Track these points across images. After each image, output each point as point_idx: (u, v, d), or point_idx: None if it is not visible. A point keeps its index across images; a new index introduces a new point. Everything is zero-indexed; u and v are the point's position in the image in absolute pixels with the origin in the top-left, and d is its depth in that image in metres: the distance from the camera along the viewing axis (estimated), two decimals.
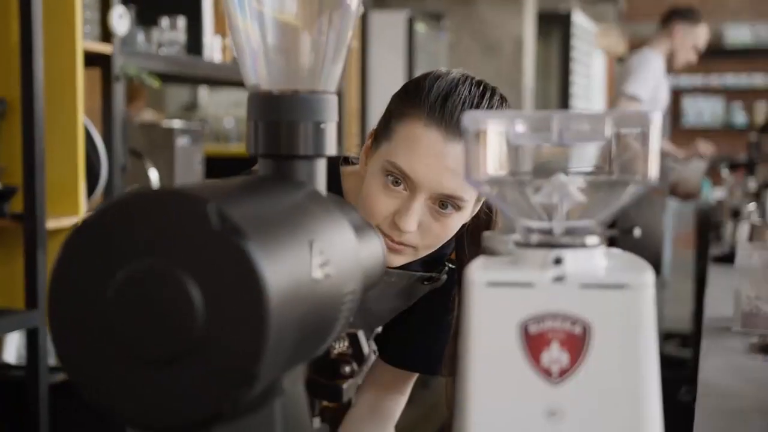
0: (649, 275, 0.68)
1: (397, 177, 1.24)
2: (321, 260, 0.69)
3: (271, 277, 0.60)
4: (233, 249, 0.60)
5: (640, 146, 0.69)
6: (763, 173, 4.04)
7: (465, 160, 0.71)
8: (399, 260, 1.29)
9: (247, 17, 0.81)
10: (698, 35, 4.51)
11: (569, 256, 0.69)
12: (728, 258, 2.65)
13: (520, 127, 0.70)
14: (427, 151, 1.22)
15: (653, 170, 0.69)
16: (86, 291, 0.62)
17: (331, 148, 0.82)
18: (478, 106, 1.25)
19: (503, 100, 1.30)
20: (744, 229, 2.94)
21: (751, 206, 3.06)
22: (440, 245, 1.30)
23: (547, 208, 0.71)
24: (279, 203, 0.70)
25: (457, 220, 1.27)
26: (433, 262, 1.41)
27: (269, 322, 0.59)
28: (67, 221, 2.40)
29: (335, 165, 1.39)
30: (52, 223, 2.34)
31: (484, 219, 1.38)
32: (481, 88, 1.28)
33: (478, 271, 0.69)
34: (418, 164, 1.22)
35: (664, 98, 4.57)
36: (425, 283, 1.42)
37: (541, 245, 0.70)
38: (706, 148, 4.85)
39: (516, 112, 0.71)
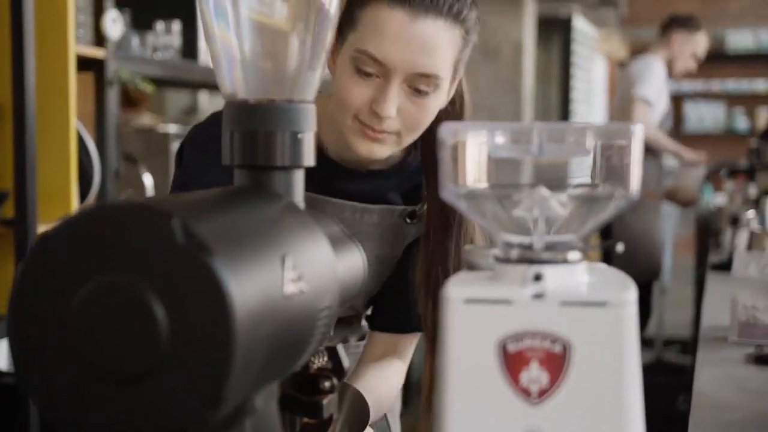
0: (631, 292, 0.66)
1: (368, 64, 1.21)
2: (294, 275, 0.67)
3: (238, 293, 0.58)
4: (198, 265, 0.58)
5: (623, 159, 0.67)
6: (763, 180, 4.02)
7: (441, 172, 0.69)
8: (384, 150, 1.27)
9: (223, 24, 0.79)
10: (697, 43, 4.50)
11: (550, 272, 0.67)
12: (727, 265, 2.63)
13: (500, 139, 0.68)
14: (395, 33, 1.19)
15: (635, 184, 0.67)
16: (48, 306, 0.60)
17: (309, 159, 0.80)
18: None
19: None
20: (743, 237, 2.92)
21: (751, 213, 3.04)
22: (422, 130, 1.27)
23: (527, 222, 0.69)
24: (251, 216, 0.68)
25: (434, 101, 1.25)
26: (411, 192, 1.39)
27: (235, 340, 0.57)
28: None
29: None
30: (43, 229, 2.32)
31: (455, 109, 1.35)
32: None
33: (456, 288, 0.67)
34: (387, 47, 1.20)
35: (665, 103, 4.57)
36: (408, 221, 1.38)
37: (521, 261, 0.68)
38: (706, 157, 4.86)
39: (496, 123, 0.69)
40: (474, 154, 0.69)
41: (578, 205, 0.68)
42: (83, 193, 2.50)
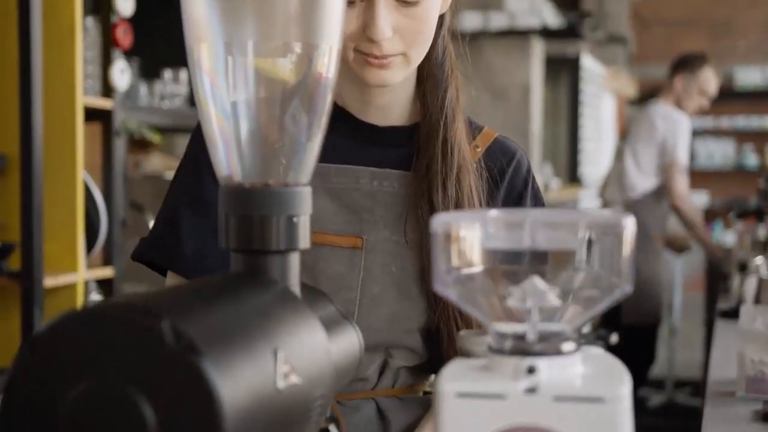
0: (626, 386, 0.66)
1: None
2: (287, 369, 0.66)
3: (228, 395, 0.58)
4: (188, 367, 0.58)
5: (615, 251, 0.67)
6: None
7: (433, 262, 0.69)
8: (395, 74, 1.18)
9: (219, 107, 0.79)
10: (702, 81, 4.49)
11: (543, 364, 0.66)
12: (735, 313, 2.61)
13: (492, 229, 0.68)
14: None
15: (627, 277, 0.66)
16: (38, 409, 0.60)
17: (304, 242, 0.80)
18: None
19: None
20: (751, 284, 2.90)
21: (759, 260, 3.02)
22: (427, 43, 1.18)
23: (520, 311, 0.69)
24: (243, 309, 0.68)
25: (431, 7, 1.16)
26: None
27: None
28: (66, 278, 2.38)
29: None
30: (50, 281, 2.33)
31: (444, 73, 1.25)
32: None
33: (449, 382, 0.66)
34: None
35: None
36: None
37: (514, 352, 0.68)
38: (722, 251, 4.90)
39: (486, 215, 0.69)
40: (466, 245, 0.69)
41: (572, 296, 0.68)
42: (90, 244, 2.50)
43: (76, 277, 2.42)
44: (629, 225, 0.67)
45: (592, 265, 0.69)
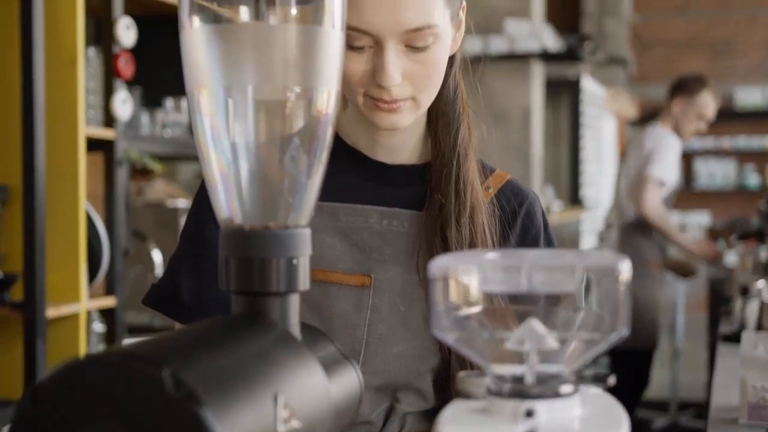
0: (624, 429, 0.66)
1: (356, 38, 1.12)
2: (286, 414, 0.67)
3: None
4: (189, 416, 0.58)
5: (610, 295, 0.67)
6: None
7: (431, 306, 0.70)
8: (404, 118, 1.17)
9: (219, 150, 0.80)
10: (700, 105, 4.49)
11: (542, 407, 0.67)
12: (738, 337, 2.61)
13: (490, 273, 0.69)
14: None
15: (623, 320, 0.67)
16: None
17: (304, 283, 0.80)
18: None
19: None
20: (753, 308, 2.90)
21: (761, 284, 3.02)
22: (437, 86, 1.17)
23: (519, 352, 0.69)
24: (243, 354, 0.69)
25: (440, 52, 1.15)
26: None
27: None
28: (68, 309, 2.39)
29: None
30: (52, 312, 2.33)
31: (456, 110, 1.25)
32: None
33: (448, 425, 0.67)
34: (366, 15, 1.11)
35: (676, 176, 4.58)
36: None
37: (512, 395, 0.68)
38: (716, 252, 4.85)
39: (483, 258, 0.70)
40: (463, 288, 0.69)
41: (570, 338, 0.69)
42: (92, 274, 2.51)
43: (79, 307, 2.43)
44: (625, 268, 0.67)
45: (590, 308, 0.69)
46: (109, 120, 2.60)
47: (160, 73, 2.98)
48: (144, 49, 2.77)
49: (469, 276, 0.69)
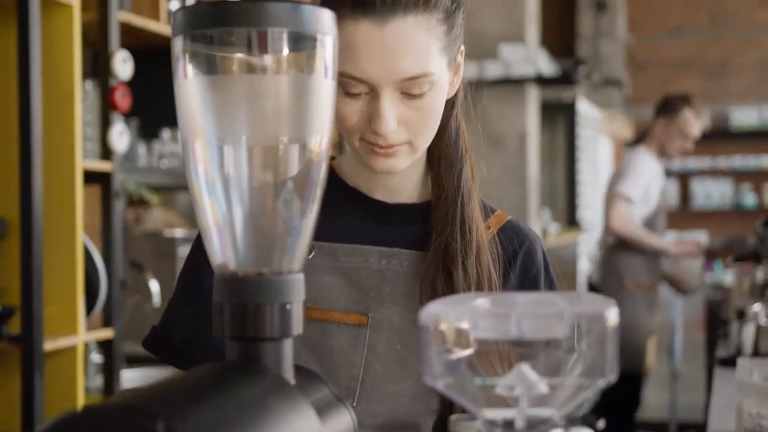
0: None
1: (353, 85, 1.13)
2: None
3: None
4: None
5: (598, 341, 0.68)
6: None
7: (421, 354, 0.71)
8: (400, 162, 1.18)
9: (213, 198, 0.81)
10: (681, 123, 4.48)
11: None
12: (734, 361, 2.61)
13: (480, 320, 0.70)
14: (366, 45, 1.11)
15: (611, 366, 0.68)
16: None
17: (297, 327, 0.81)
18: None
19: None
20: (749, 332, 2.90)
21: (756, 307, 3.03)
22: (432, 131, 1.18)
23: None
24: (237, 401, 0.70)
25: (436, 98, 1.16)
26: None
27: None
28: (66, 342, 2.39)
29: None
30: (49, 345, 2.34)
31: (458, 154, 1.25)
32: None
33: None
34: (363, 63, 1.11)
35: (655, 196, 4.51)
36: None
37: None
38: (697, 245, 4.80)
39: (474, 305, 0.71)
40: (454, 335, 0.70)
41: (559, 383, 0.70)
42: (89, 306, 2.52)
43: (76, 339, 2.44)
44: (612, 315, 0.68)
45: (579, 353, 0.70)
46: (106, 152, 2.61)
47: (156, 104, 3.00)
48: (141, 81, 2.79)
49: (459, 323, 0.70)
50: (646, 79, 10.14)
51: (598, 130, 8.10)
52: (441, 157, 1.26)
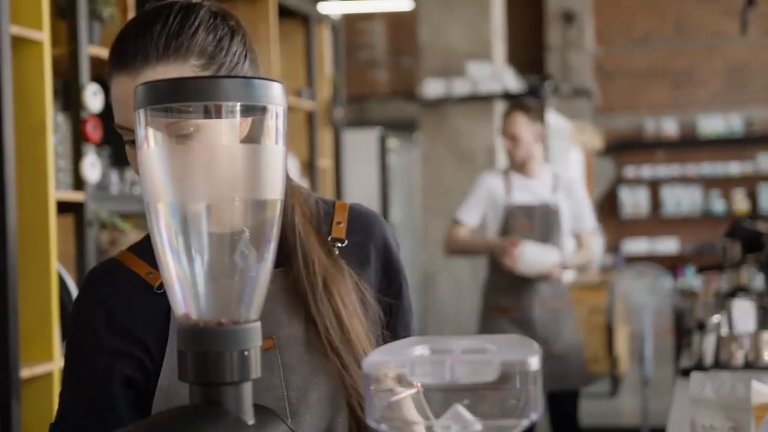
0: None
1: (128, 134, 1.18)
2: None
3: None
4: None
5: (523, 385, 0.76)
6: (731, 278, 4.11)
7: (365, 398, 0.78)
8: None
9: (175, 255, 0.89)
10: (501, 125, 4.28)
11: None
12: (696, 370, 2.68)
13: (418, 368, 0.78)
14: (123, 97, 1.17)
15: (533, 407, 0.76)
16: None
17: (256, 371, 0.89)
18: (150, 27, 1.18)
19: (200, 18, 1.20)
20: (710, 342, 2.97)
21: (716, 318, 3.11)
22: None
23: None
24: None
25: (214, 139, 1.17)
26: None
27: None
28: (42, 368, 2.45)
29: None
30: (25, 372, 2.39)
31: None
32: (156, 9, 1.21)
33: None
34: (121, 112, 1.18)
35: (498, 218, 4.19)
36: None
37: None
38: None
39: (412, 354, 0.78)
40: (394, 382, 0.78)
41: (491, 423, 0.77)
42: (65, 333, 2.57)
43: (52, 366, 2.49)
44: (534, 361, 0.76)
45: (507, 395, 0.78)
46: (78, 183, 2.67)
47: None
48: (111, 110, 2.85)
49: (398, 371, 0.78)
50: (615, 89, 10.29)
51: (568, 140, 8.21)
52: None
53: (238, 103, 0.85)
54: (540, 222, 4.12)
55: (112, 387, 1.24)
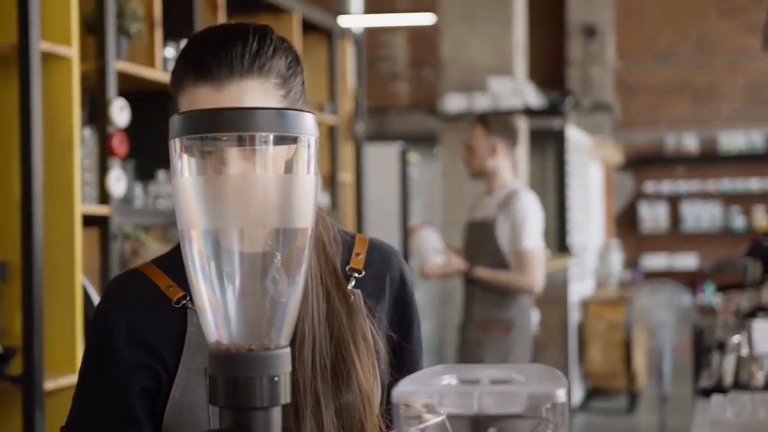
0: None
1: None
2: None
3: None
4: None
5: (551, 416, 0.77)
6: (752, 297, 4.09)
7: (395, 426, 0.79)
8: None
9: (208, 282, 0.90)
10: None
11: None
12: (715, 391, 2.68)
13: (446, 399, 0.79)
14: (204, 107, 1.19)
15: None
16: None
17: (285, 397, 0.90)
18: (233, 43, 1.22)
19: (270, 41, 1.24)
20: (730, 363, 2.96)
21: (736, 339, 3.10)
22: None
23: None
24: None
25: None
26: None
27: None
28: (66, 381, 2.47)
29: None
30: (50, 384, 2.42)
31: None
32: (234, 27, 1.25)
33: None
34: None
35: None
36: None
37: None
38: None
39: (440, 383, 0.80)
40: (423, 411, 0.79)
41: None
42: None
43: (75, 378, 2.51)
44: (561, 393, 0.77)
45: (535, 426, 0.79)
46: (104, 197, 2.70)
47: (152, 146, 3.09)
48: (137, 124, 2.88)
49: (427, 401, 0.79)
50: (636, 104, 10.27)
51: (587, 155, 8.21)
52: None
53: (272, 134, 0.87)
54: (476, 237, 4.04)
55: (131, 396, 1.26)
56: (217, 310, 0.90)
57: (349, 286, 1.30)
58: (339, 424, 1.23)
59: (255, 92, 1.21)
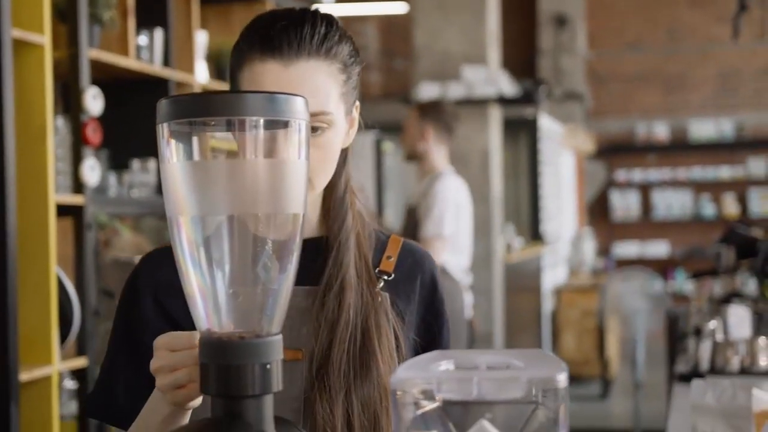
0: None
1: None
2: None
3: None
4: None
5: (551, 402, 0.76)
6: (726, 284, 4.12)
7: (392, 413, 0.78)
8: None
9: (198, 270, 0.89)
10: None
11: None
12: (692, 376, 2.69)
13: (445, 384, 0.78)
14: (272, 83, 1.20)
15: (563, 425, 0.76)
16: None
17: (277, 384, 0.89)
18: (302, 23, 1.23)
19: (331, 26, 1.27)
20: (706, 348, 2.98)
21: (712, 324, 3.12)
22: (330, 170, 1.25)
23: None
24: None
25: (333, 138, 1.24)
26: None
27: None
28: (41, 372, 2.44)
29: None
30: (25, 375, 2.38)
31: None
32: (301, 10, 1.27)
33: None
34: None
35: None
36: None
37: None
38: None
39: (438, 368, 0.78)
40: (421, 397, 0.78)
41: None
42: (64, 336, 2.57)
43: (51, 369, 2.48)
44: (562, 378, 0.76)
45: (534, 412, 0.78)
46: (78, 186, 2.66)
47: (126, 135, 3.06)
48: (110, 113, 2.84)
49: (425, 387, 0.78)
50: (607, 93, 10.30)
51: (560, 144, 8.23)
52: (329, 209, 1.32)
53: (261, 118, 0.86)
54: (408, 222, 4.09)
55: None
56: (207, 297, 0.89)
57: (378, 288, 1.29)
58: (364, 416, 1.22)
59: (321, 73, 1.23)
